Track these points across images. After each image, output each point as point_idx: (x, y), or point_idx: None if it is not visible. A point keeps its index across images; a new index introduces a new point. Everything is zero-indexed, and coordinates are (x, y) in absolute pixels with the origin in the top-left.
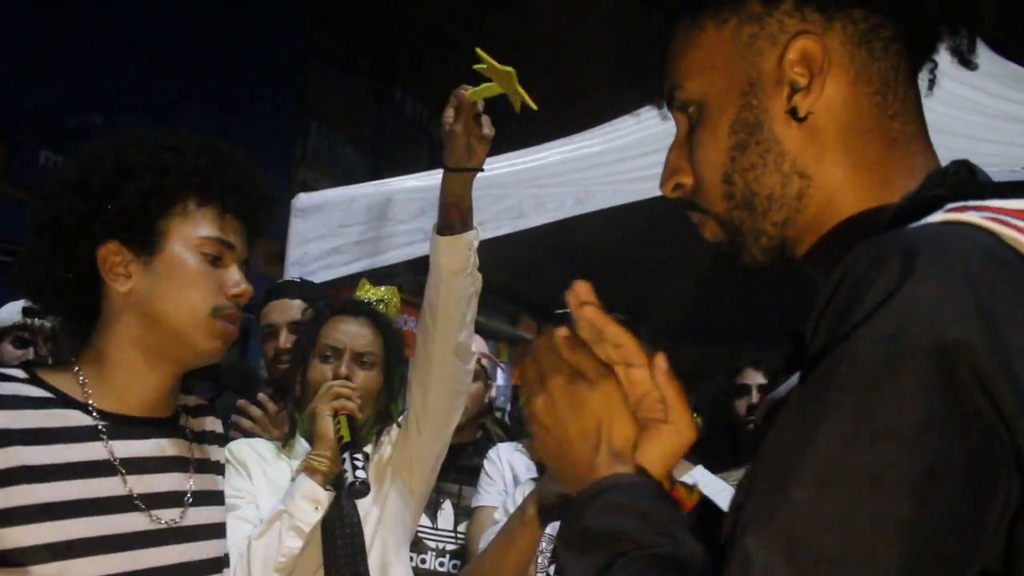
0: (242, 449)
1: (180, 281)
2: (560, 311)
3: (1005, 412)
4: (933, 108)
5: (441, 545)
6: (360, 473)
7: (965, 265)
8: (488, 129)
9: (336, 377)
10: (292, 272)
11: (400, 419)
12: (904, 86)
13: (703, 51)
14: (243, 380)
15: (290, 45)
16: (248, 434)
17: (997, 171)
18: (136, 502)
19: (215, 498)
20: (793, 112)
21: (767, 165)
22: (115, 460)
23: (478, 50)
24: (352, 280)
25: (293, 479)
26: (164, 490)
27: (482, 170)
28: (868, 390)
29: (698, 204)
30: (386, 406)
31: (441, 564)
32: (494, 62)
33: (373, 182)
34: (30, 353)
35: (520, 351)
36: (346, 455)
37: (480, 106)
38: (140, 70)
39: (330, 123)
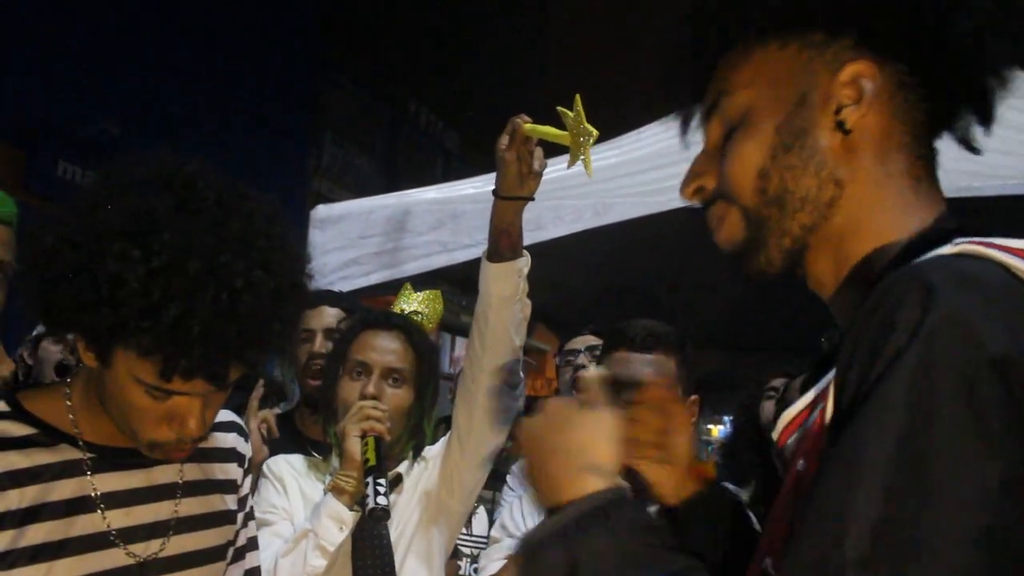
0: (280, 465)
1: (122, 405)
2: (592, 326)
3: None
4: None
5: (476, 551)
6: (381, 500)
7: (983, 290)
8: (539, 164)
9: (364, 397)
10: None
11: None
12: (929, 137)
13: (759, 66)
14: (270, 389)
15: (304, 57)
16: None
17: (1015, 184)
18: (113, 538)
19: (209, 521)
20: (840, 124)
21: (807, 168)
22: (96, 496)
23: (578, 96)
24: (370, 291)
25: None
26: (144, 522)
27: (533, 199)
28: (913, 426)
29: (725, 196)
30: (419, 421)
31: (475, 570)
32: (584, 116)
33: (392, 194)
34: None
35: (534, 361)
36: (369, 479)
37: (535, 140)
38: (156, 81)
39: (344, 134)
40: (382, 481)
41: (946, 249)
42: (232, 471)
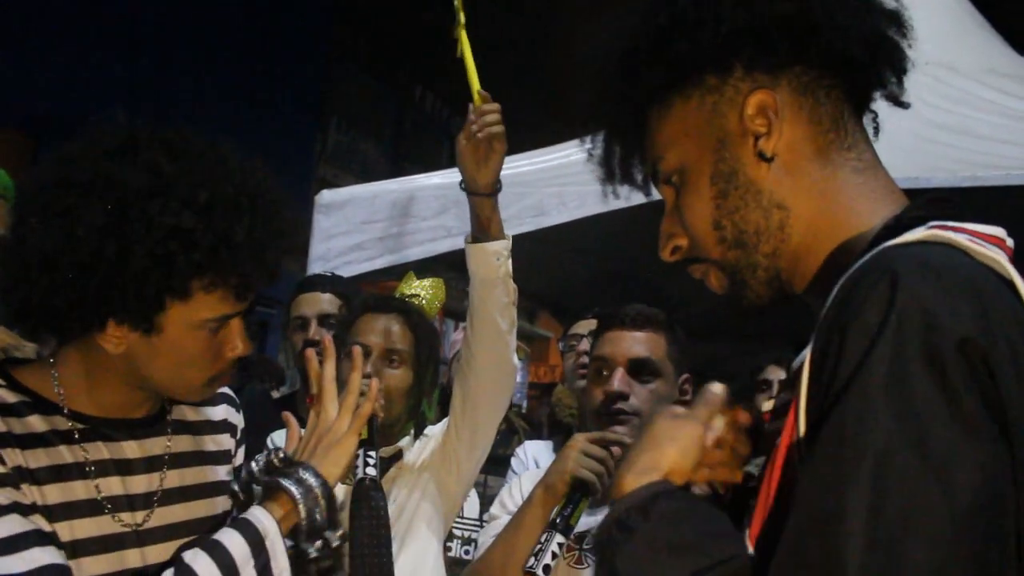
0: (282, 439)
1: (179, 360)
2: (596, 310)
3: (1006, 400)
4: (956, 111)
5: (466, 533)
6: (370, 471)
7: (945, 277)
8: (481, 128)
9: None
10: (315, 267)
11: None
12: (851, 123)
13: (674, 124)
14: (268, 371)
15: (311, 43)
16: None
17: (1019, 174)
18: (103, 504)
19: (198, 492)
20: (761, 155)
21: (748, 204)
22: (87, 463)
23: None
24: (374, 276)
25: None
26: (132, 492)
27: (495, 191)
28: (894, 417)
29: (698, 256)
30: (418, 402)
31: (467, 552)
32: (460, 6)
33: (396, 179)
34: None
35: (526, 347)
36: (360, 451)
37: (480, 101)
38: (164, 67)
39: (350, 120)
40: (372, 454)
41: (912, 236)
42: (225, 442)
